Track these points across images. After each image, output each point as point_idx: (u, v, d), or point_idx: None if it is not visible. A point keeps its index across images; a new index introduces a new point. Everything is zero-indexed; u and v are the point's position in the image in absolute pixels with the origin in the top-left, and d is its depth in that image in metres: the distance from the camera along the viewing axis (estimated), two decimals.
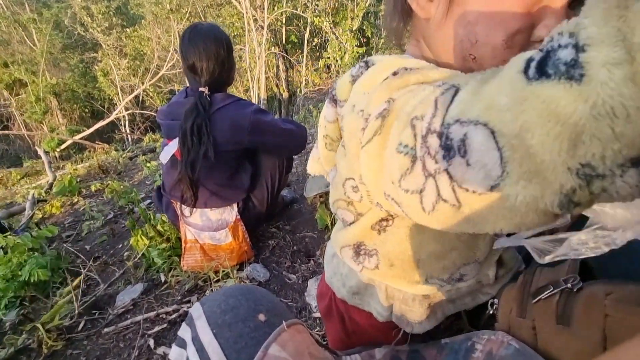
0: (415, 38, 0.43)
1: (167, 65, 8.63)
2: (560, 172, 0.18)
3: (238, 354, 0.41)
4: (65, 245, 1.89)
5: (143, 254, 1.45)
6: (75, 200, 2.86)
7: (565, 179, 0.18)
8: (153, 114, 8.18)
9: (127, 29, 10.07)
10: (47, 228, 1.81)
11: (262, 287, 0.54)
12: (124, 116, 8.71)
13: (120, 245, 1.80)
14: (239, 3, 7.93)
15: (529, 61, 0.19)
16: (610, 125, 0.16)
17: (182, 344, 0.46)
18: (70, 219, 2.45)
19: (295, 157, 2.15)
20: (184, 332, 0.47)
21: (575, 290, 0.42)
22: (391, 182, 0.27)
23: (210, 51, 1.20)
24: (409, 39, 0.44)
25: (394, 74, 0.31)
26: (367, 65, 0.38)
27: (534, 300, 0.44)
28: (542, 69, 0.18)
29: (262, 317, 0.44)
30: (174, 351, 0.47)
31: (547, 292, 0.43)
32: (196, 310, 0.47)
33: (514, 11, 0.30)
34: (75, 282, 1.44)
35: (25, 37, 10.45)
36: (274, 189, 1.41)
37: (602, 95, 0.16)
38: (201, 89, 1.21)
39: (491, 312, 0.50)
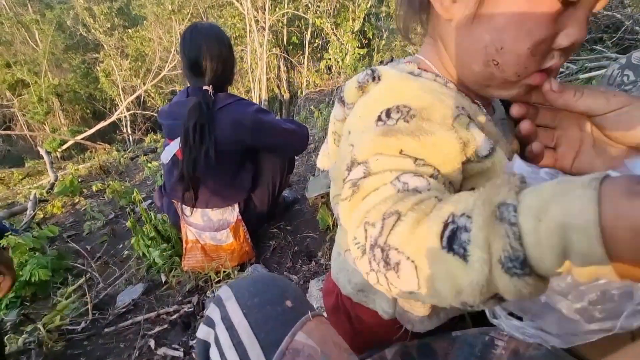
0: (432, 37, 0.41)
1: (168, 66, 8.65)
2: (450, 302, 0.28)
3: (267, 334, 0.43)
4: (66, 245, 1.89)
5: (144, 254, 1.45)
6: (77, 200, 2.86)
7: (454, 303, 0.27)
8: (154, 114, 8.19)
9: (129, 30, 10.10)
10: (48, 228, 1.81)
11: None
12: (125, 117, 8.74)
13: (120, 245, 1.79)
14: (241, 4, 7.94)
15: (444, 229, 0.27)
16: (480, 291, 0.25)
17: (211, 323, 0.47)
18: (71, 219, 2.46)
19: (296, 157, 2.15)
20: (212, 312, 0.48)
21: None
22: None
23: (212, 50, 1.20)
24: (421, 36, 0.43)
25: (387, 114, 0.35)
26: (373, 75, 0.40)
27: None
28: (450, 244, 0.26)
29: (289, 303, 0.46)
30: (201, 330, 0.48)
31: None
32: (225, 292, 0.48)
33: (543, 20, 0.31)
34: (78, 282, 1.44)
35: (28, 38, 10.50)
36: (276, 189, 1.41)
37: (475, 278, 0.24)
38: (205, 87, 1.20)
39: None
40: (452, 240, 0.26)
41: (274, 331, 0.43)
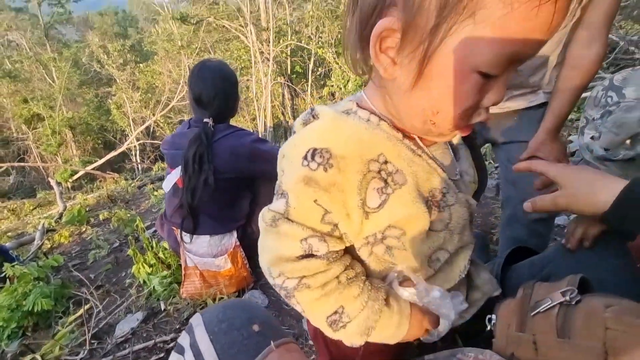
0: (376, 84, 0.44)
1: (177, 97, 8.98)
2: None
3: (232, 359, 0.44)
4: (70, 274, 1.92)
5: (144, 282, 1.46)
6: (84, 229, 2.91)
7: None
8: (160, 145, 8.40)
9: (140, 65, 10.58)
10: (53, 257, 1.84)
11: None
12: (135, 146, 8.98)
13: (123, 274, 1.81)
14: (246, 38, 8.35)
15: (331, 316, 0.44)
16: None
17: (181, 350, 0.48)
18: (77, 248, 2.49)
19: None
20: (182, 339, 0.49)
21: (574, 303, 0.42)
22: None
23: (216, 86, 1.28)
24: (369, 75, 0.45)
25: (312, 156, 0.41)
26: (312, 114, 0.46)
27: (533, 314, 0.44)
28: (330, 324, 0.45)
29: (256, 327, 0.47)
30: (172, 357, 0.49)
31: (546, 305, 0.44)
32: (196, 318, 0.50)
33: (469, 92, 0.36)
34: (79, 312, 1.45)
35: (45, 75, 11.06)
36: None
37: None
38: (206, 119, 1.27)
39: (489, 327, 0.50)
40: (333, 323, 0.44)
41: (238, 356, 0.44)
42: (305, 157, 0.40)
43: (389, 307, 0.46)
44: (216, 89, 1.28)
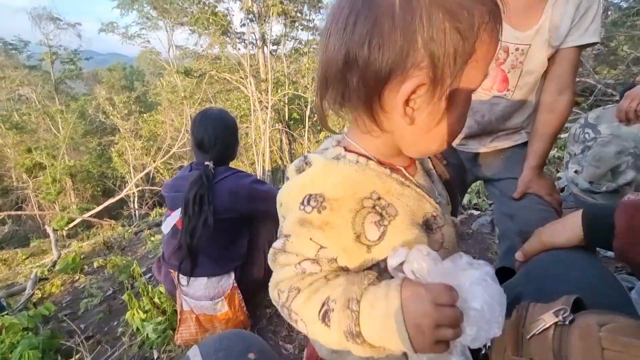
0: (362, 130, 0.47)
1: (178, 144, 9.22)
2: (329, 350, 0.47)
3: None
4: (60, 324, 1.84)
5: (137, 329, 1.41)
6: (77, 277, 2.84)
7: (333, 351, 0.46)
8: (161, 189, 8.46)
9: (144, 115, 11.00)
10: (45, 306, 1.79)
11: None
12: (133, 193, 9.02)
13: (115, 323, 1.74)
14: (246, 88, 8.84)
15: (321, 308, 0.43)
16: (339, 346, 0.42)
17: None
18: (68, 298, 2.41)
19: None
20: None
21: (567, 322, 0.42)
22: None
23: (217, 131, 1.36)
24: (351, 124, 0.49)
25: (308, 201, 0.45)
26: (305, 161, 0.50)
27: (529, 336, 0.44)
28: (323, 318, 0.42)
29: (252, 356, 0.48)
30: None
31: (540, 327, 0.44)
32: (193, 350, 0.50)
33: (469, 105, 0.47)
34: None
35: (51, 126, 11.40)
36: None
37: (333, 340, 0.43)
38: (206, 162, 1.33)
39: (484, 351, 0.49)
40: (324, 316, 0.42)
41: None
42: (302, 203, 0.45)
43: (375, 283, 0.43)
44: (217, 134, 1.35)
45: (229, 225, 1.32)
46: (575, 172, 1.16)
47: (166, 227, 1.37)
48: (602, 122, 1.10)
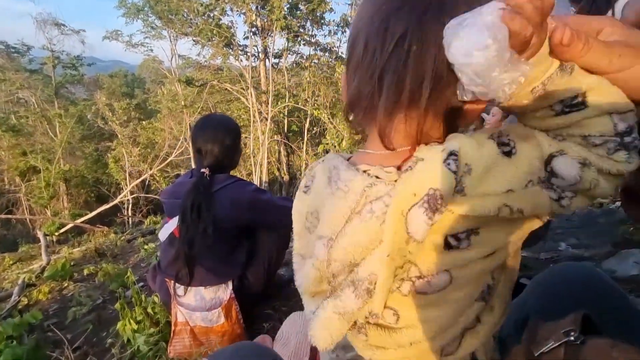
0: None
1: (176, 152, 9.20)
2: None
3: None
4: (46, 334, 1.76)
5: (128, 340, 1.35)
6: (66, 285, 2.75)
7: None
8: (157, 197, 8.40)
9: (143, 122, 10.99)
10: (32, 313, 1.72)
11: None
12: (128, 200, 8.92)
13: (104, 333, 1.67)
14: (246, 99, 8.91)
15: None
16: None
17: None
18: (55, 306, 2.33)
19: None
20: None
21: (579, 342, 0.40)
22: None
23: (216, 138, 1.32)
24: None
25: None
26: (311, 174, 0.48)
27: (537, 353, 0.42)
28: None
29: None
30: None
31: (550, 345, 0.42)
32: None
33: None
34: None
35: (49, 129, 11.34)
36: (271, 266, 1.39)
37: None
38: (202, 169, 1.30)
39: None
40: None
41: None
42: None
43: None
44: (216, 140, 1.32)
45: (229, 234, 1.29)
46: None
47: (163, 235, 1.34)
48: None
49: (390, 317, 0.41)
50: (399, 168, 0.40)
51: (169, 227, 1.31)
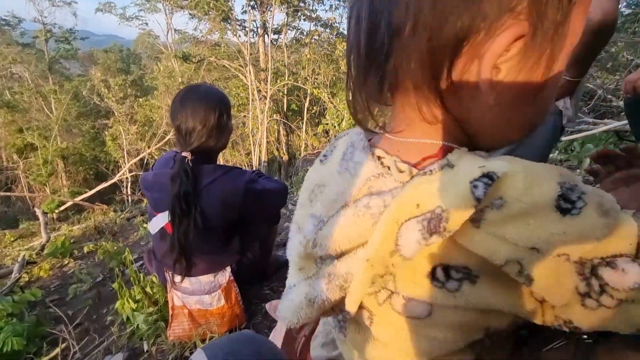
0: (443, 116, 0.33)
1: (173, 131, 9.09)
2: None
3: None
4: (47, 310, 1.79)
5: (128, 319, 1.37)
6: (66, 262, 2.77)
7: None
8: (140, 182, 8.37)
9: (140, 99, 10.81)
10: (31, 291, 1.73)
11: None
12: (127, 178, 8.91)
13: (105, 310, 1.70)
14: (245, 77, 8.71)
15: None
16: None
17: None
18: (56, 282, 2.35)
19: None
20: None
21: (592, 341, 0.40)
22: None
23: (198, 115, 1.09)
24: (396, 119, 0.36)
25: None
26: (333, 145, 0.43)
27: (544, 350, 0.42)
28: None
29: None
30: None
31: (558, 341, 0.40)
32: (198, 354, 0.46)
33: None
34: (53, 352, 1.33)
35: (44, 106, 11.17)
36: (264, 244, 1.39)
37: None
38: (184, 153, 1.09)
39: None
40: None
41: None
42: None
43: None
44: (196, 119, 1.09)
45: (221, 230, 1.22)
46: None
47: (153, 229, 1.25)
48: None
49: (366, 317, 0.37)
50: (415, 166, 0.33)
51: (159, 222, 1.21)
